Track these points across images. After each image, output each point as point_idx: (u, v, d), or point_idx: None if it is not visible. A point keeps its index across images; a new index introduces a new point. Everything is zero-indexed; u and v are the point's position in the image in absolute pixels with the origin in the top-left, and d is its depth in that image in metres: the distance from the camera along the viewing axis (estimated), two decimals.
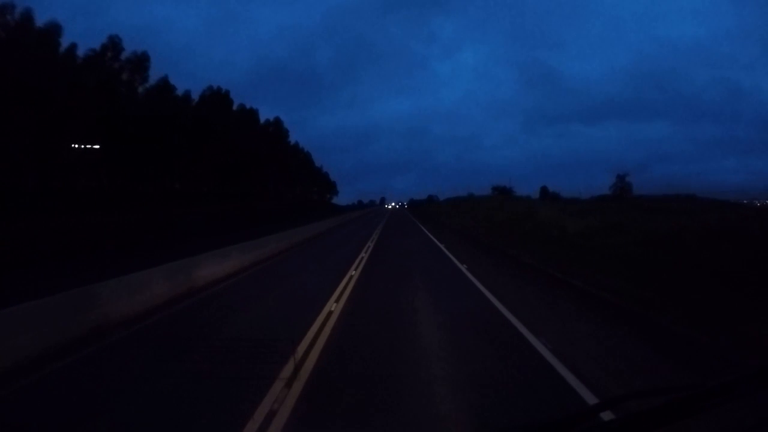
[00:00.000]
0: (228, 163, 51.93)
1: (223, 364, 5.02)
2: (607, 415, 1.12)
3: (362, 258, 14.74)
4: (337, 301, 8.29)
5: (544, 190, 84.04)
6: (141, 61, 40.73)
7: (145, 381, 4.63)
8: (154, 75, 43.39)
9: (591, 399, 4.09)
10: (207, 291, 9.59)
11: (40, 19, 33.10)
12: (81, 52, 36.18)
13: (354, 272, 11.66)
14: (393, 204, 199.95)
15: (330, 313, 7.33)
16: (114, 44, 38.94)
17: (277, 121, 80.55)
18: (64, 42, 34.61)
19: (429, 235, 25.89)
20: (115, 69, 38.85)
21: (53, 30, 33.01)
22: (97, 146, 34.05)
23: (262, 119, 73.48)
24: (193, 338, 6.16)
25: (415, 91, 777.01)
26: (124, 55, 39.57)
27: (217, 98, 55.59)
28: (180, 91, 48.10)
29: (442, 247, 18.44)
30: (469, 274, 11.21)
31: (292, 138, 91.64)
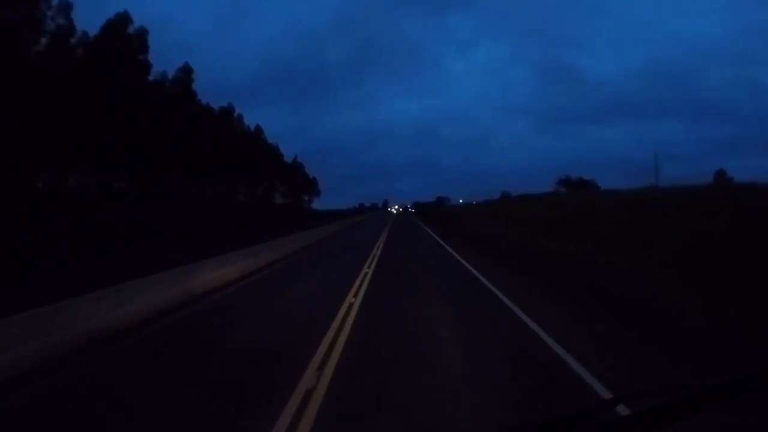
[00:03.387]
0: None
1: None
2: (607, 416, 1.12)
3: None
4: None
5: (720, 174, 48.87)
6: None
7: None
8: None
9: None
10: None
11: None
12: None
13: None
14: (396, 207, 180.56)
15: None
16: None
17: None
18: None
19: None
20: None
21: None
22: None
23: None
24: None
25: (424, 91, 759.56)
26: None
27: None
28: None
29: None
30: None
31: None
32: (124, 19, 37.43)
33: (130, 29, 38.36)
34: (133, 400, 4.68)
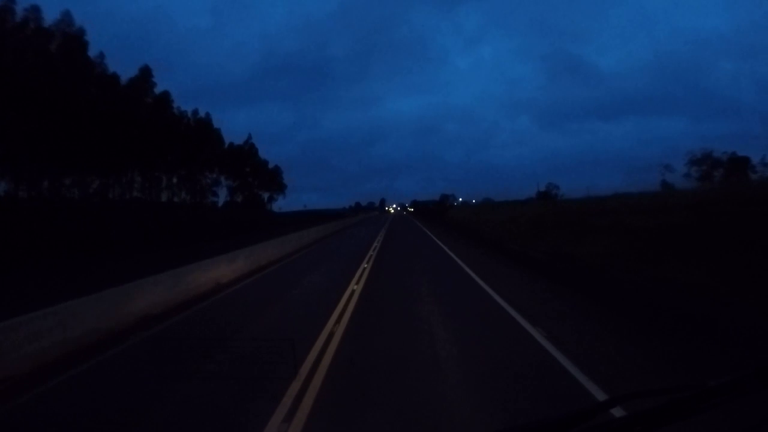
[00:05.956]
0: None
1: None
2: (605, 416, 1.14)
3: None
4: None
5: None
6: None
7: None
8: None
9: None
10: None
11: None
12: None
13: None
14: (394, 206, 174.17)
15: None
16: None
17: None
18: None
19: None
20: None
21: None
22: None
23: None
24: None
25: (426, 87, 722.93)
26: None
27: None
28: None
29: None
30: None
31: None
32: None
33: None
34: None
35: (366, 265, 14.73)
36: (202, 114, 61.94)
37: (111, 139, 38.31)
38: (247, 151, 75.71)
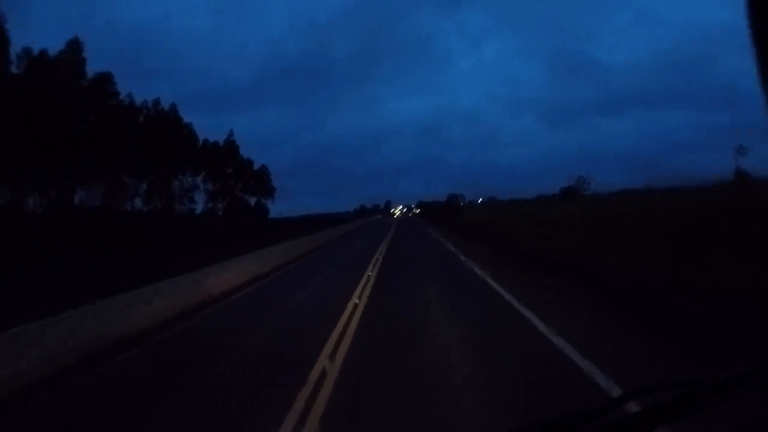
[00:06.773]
0: None
1: None
2: (608, 417, 1.02)
3: None
4: None
5: None
6: None
7: None
8: None
9: None
10: None
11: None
12: None
13: None
14: (401, 208, 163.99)
15: None
16: None
17: None
18: None
19: None
20: None
21: None
22: None
23: None
24: None
25: (429, 87, 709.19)
26: None
27: None
28: None
29: None
30: None
31: None
32: None
33: None
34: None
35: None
36: (166, 106, 52.93)
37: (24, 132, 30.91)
38: (227, 150, 67.26)
